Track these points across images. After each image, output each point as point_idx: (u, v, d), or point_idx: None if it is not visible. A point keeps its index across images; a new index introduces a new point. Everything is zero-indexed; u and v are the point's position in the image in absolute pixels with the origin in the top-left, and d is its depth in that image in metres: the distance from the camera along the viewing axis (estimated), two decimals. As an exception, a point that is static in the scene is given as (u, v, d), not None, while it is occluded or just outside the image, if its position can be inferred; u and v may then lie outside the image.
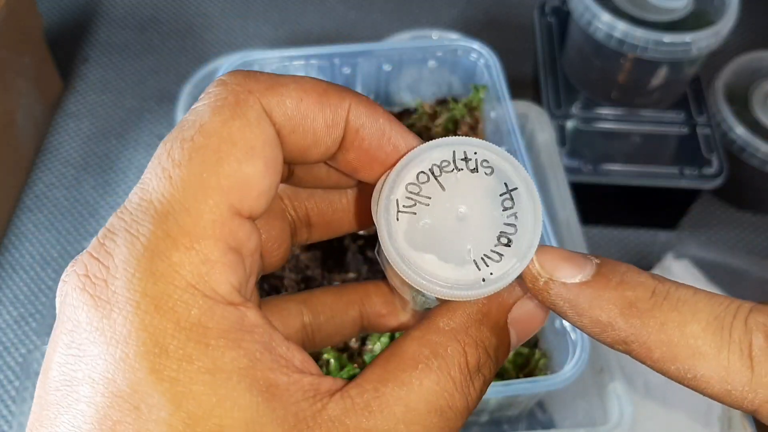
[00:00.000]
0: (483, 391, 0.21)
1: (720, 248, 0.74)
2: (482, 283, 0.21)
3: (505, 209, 0.22)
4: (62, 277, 0.19)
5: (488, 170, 0.22)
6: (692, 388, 0.20)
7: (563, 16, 0.80)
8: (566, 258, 0.21)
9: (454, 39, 0.59)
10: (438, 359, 0.20)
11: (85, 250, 0.19)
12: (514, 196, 0.22)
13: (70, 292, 0.18)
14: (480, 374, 0.21)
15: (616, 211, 0.77)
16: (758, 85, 0.77)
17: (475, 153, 0.22)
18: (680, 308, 0.20)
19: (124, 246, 0.18)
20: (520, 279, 0.22)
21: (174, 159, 0.19)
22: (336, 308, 0.26)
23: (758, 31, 0.92)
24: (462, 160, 0.22)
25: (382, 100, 0.61)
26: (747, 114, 0.75)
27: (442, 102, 0.60)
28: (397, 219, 0.21)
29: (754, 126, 0.73)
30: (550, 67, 0.77)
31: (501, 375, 0.49)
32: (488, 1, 1.00)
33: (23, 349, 0.68)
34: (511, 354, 0.48)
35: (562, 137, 0.72)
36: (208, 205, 0.19)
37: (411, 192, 0.22)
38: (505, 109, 0.54)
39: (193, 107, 0.20)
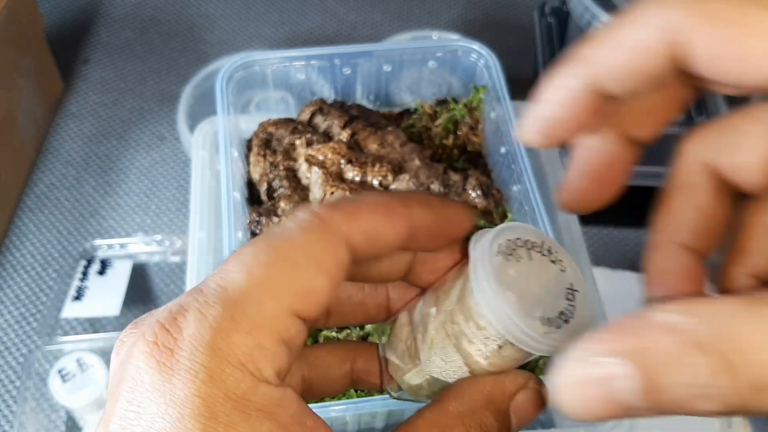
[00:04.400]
0: None
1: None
2: (543, 335, 0.24)
3: (568, 300, 0.26)
4: (121, 336, 0.23)
5: (562, 268, 0.26)
6: None
7: (563, 16, 0.80)
8: None
9: (454, 39, 0.59)
10: None
11: (155, 319, 0.22)
12: (576, 296, 0.26)
13: (137, 355, 0.21)
14: None
15: (615, 211, 0.76)
16: (758, 86, 0.77)
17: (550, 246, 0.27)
18: None
19: (194, 323, 0.21)
20: (525, 368, 0.26)
21: (259, 260, 0.22)
22: (329, 362, 0.30)
23: (758, 32, 0.92)
24: (538, 245, 0.27)
25: (382, 100, 0.61)
26: (746, 114, 0.75)
27: (442, 102, 0.60)
28: (497, 254, 0.25)
29: (753, 126, 0.73)
30: (550, 67, 0.77)
31: (501, 374, 0.49)
32: (488, 1, 1.00)
33: (24, 349, 0.68)
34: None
35: (562, 137, 0.72)
36: (273, 303, 0.22)
37: (509, 246, 0.26)
38: (505, 110, 0.54)
39: (285, 225, 0.24)
